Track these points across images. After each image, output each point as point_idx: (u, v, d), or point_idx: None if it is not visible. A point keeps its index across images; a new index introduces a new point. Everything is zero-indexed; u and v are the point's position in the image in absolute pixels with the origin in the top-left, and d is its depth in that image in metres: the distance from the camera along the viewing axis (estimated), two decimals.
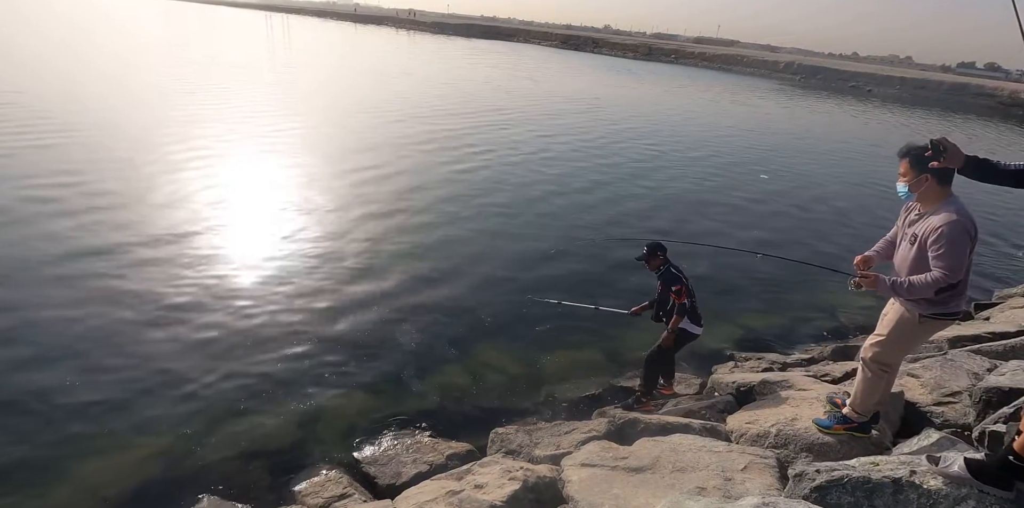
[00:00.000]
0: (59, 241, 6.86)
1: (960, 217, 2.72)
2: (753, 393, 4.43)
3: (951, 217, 2.73)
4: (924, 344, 4.61)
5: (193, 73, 22.38)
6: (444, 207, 9.40)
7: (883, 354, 3.08)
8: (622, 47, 70.27)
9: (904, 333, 3.00)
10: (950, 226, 2.70)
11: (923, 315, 2.90)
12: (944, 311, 2.89)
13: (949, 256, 2.70)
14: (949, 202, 2.80)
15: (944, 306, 2.87)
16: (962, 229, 2.70)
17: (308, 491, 3.67)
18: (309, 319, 5.78)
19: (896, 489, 2.28)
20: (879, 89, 51.05)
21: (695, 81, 43.15)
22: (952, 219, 2.72)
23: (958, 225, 2.70)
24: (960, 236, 2.70)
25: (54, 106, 13.73)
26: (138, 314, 5.52)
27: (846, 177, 14.82)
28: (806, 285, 7.81)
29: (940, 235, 2.72)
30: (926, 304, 2.88)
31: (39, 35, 31.56)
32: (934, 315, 2.89)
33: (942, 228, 2.72)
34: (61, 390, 4.43)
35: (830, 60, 65.38)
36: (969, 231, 2.73)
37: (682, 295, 4.40)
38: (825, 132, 23.41)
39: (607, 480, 2.87)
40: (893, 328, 3.03)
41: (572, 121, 18.88)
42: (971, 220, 2.75)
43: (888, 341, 3.06)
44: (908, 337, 3.03)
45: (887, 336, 3.06)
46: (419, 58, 40.22)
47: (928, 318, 2.91)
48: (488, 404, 4.84)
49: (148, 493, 3.68)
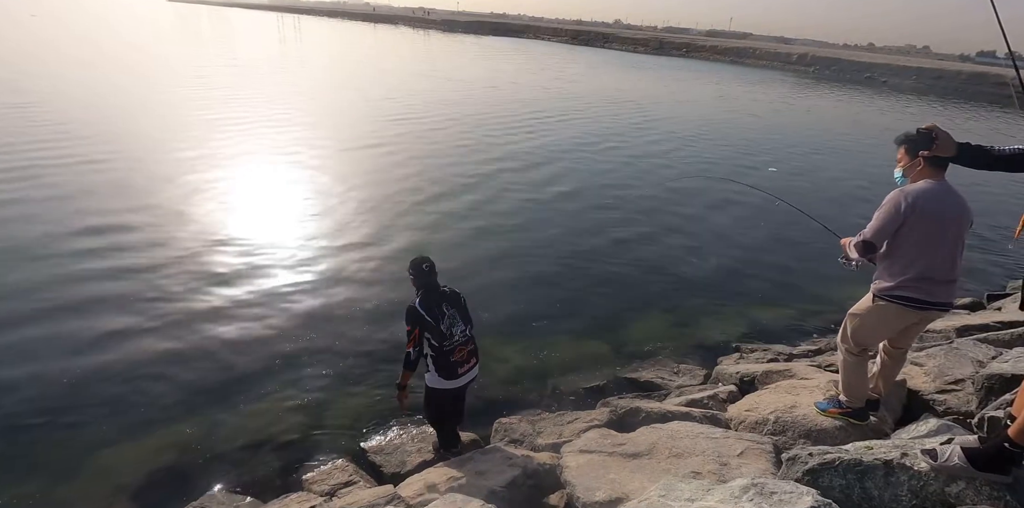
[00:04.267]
0: (79, 237, 7.05)
1: (905, 191, 2.86)
2: (756, 383, 4.45)
3: (898, 191, 2.89)
4: (921, 333, 4.57)
5: (265, 82, 22.36)
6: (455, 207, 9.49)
7: (848, 332, 3.18)
8: (632, 42, 69.83)
9: (866, 313, 3.09)
10: (889, 196, 2.90)
11: (876, 295, 3.02)
12: (899, 294, 2.92)
13: (874, 219, 2.92)
14: (926, 183, 2.85)
15: (900, 289, 2.92)
16: (894, 199, 2.86)
17: (315, 479, 3.75)
18: (317, 312, 5.89)
19: (887, 471, 2.29)
20: (894, 80, 50.22)
21: (701, 74, 42.72)
22: (895, 191, 2.90)
23: (894, 196, 2.87)
24: (889, 204, 2.87)
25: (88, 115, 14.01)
26: (153, 310, 5.67)
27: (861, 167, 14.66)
28: (815, 277, 7.77)
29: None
30: (878, 282, 3.03)
31: (63, 39, 32.12)
32: (888, 297, 2.96)
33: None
34: (80, 384, 4.57)
35: (845, 51, 64.35)
36: (900, 204, 2.82)
37: (411, 340, 3.33)
38: (835, 124, 23.11)
39: (604, 465, 2.92)
40: (857, 306, 3.17)
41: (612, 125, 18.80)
42: (920, 198, 2.80)
43: (851, 319, 3.18)
44: (870, 319, 3.09)
45: (850, 314, 3.19)
46: (452, 60, 39.14)
47: (881, 300, 2.98)
48: (493, 395, 4.89)
49: (162, 480, 3.79)
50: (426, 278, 3.42)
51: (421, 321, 3.31)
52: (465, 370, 3.52)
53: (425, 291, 3.42)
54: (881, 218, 2.90)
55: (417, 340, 3.34)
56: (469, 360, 3.54)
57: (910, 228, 2.84)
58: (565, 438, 3.75)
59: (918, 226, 2.82)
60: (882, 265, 3.03)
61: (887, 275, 2.98)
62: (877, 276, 3.06)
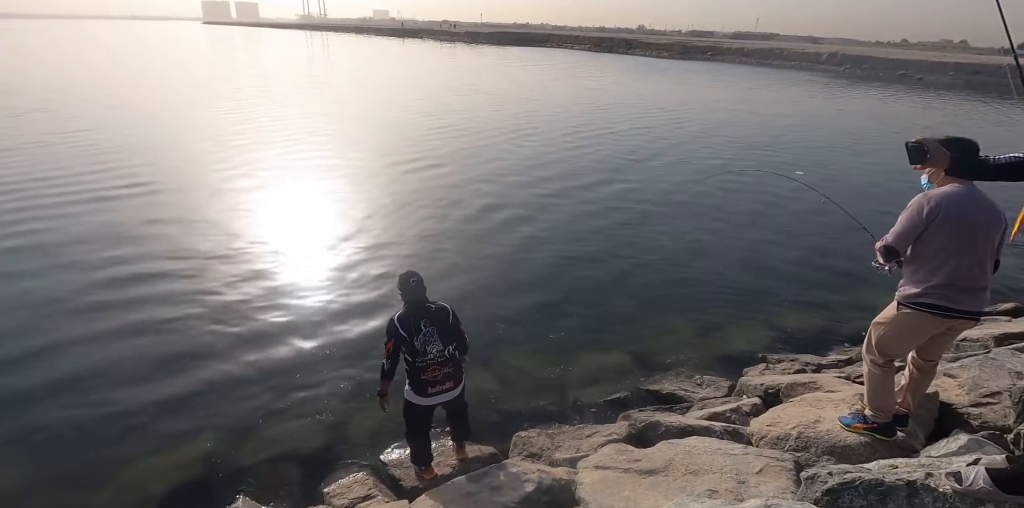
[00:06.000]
0: (111, 249, 7.34)
1: (928, 195, 2.78)
2: (781, 395, 4.34)
3: (922, 195, 2.82)
4: (956, 342, 4.42)
5: (303, 99, 22.96)
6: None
7: (873, 342, 3.08)
8: (656, 47, 69.42)
9: (890, 322, 2.99)
10: (912, 200, 2.84)
11: (900, 302, 2.93)
12: (923, 302, 2.83)
13: (897, 223, 2.87)
14: (952, 187, 2.76)
15: (924, 296, 2.82)
16: (917, 204, 2.80)
17: (335, 492, 3.79)
18: (336, 324, 5.98)
19: (911, 492, 2.21)
20: (930, 77, 48.68)
21: (732, 79, 42.14)
22: (919, 195, 2.84)
23: (917, 200, 2.82)
24: (911, 208, 2.82)
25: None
26: (178, 329, 5.82)
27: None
28: (847, 282, 7.56)
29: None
30: (903, 289, 2.95)
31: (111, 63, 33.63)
32: (912, 304, 2.85)
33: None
34: (107, 399, 4.74)
35: (876, 49, 62.72)
36: (923, 208, 2.74)
37: (386, 352, 3.43)
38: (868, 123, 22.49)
39: (618, 482, 2.88)
40: (881, 315, 3.07)
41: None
42: (944, 202, 2.72)
43: (875, 328, 3.08)
44: (895, 328, 2.98)
45: (875, 323, 3.10)
46: (481, 72, 38.92)
47: (906, 307, 2.88)
48: (512, 408, 4.88)
49: (187, 492, 3.89)
50: (412, 293, 3.43)
51: (396, 334, 3.38)
52: (437, 390, 3.46)
53: (408, 305, 3.44)
54: (903, 223, 2.83)
55: (391, 352, 3.41)
56: (444, 382, 3.46)
57: (933, 233, 2.75)
58: (583, 452, 3.71)
59: (942, 231, 2.73)
60: (907, 271, 2.94)
61: (912, 282, 2.89)
62: (902, 282, 2.97)
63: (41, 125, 15.32)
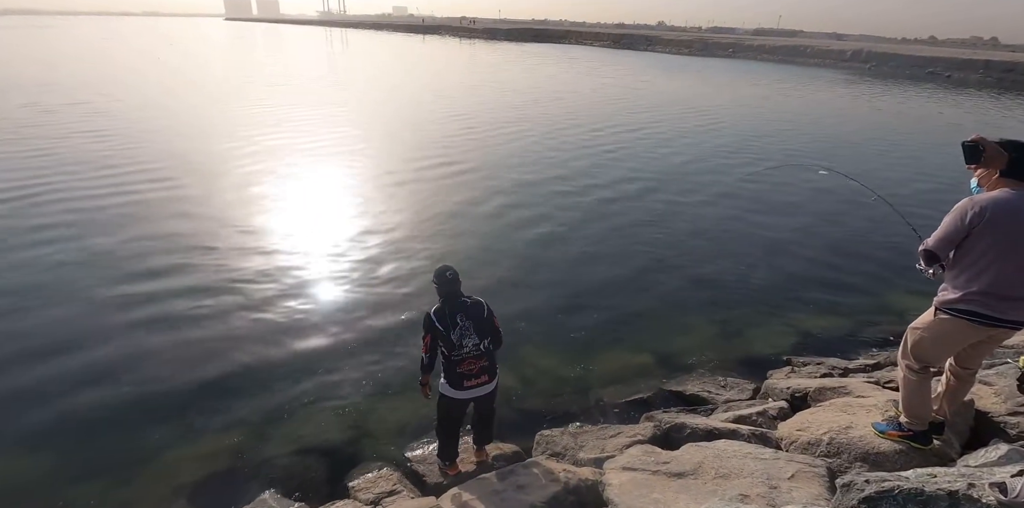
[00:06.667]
0: (146, 244, 7.48)
1: (973, 200, 2.71)
2: (808, 399, 4.28)
3: (967, 199, 2.75)
4: (995, 349, 4.28)
5: (330, 97, 23.29)
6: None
7: (909, 347, 3.02)
8: (676, 43, 68.62)
9: (927, 327, 2.93)
10: (957, 204, 2.77)
11: (938, 308, 2.88)
12: (962, 308, 2.77)
13: (939, 227, 2.81)
14: (1002, 192, 2.69)
15: (964, 303, 2.76)
16: (961, 208, 2.73)
17: (360, 486, 3.83)
18: (363, 322, 6.02)
19: (952, 503, 2.16)
20: (959, 74, 47.55)
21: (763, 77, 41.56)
22: (964, 199, 2.77)
23: (961, 204, 2.74)
24: (955, 213, 2.74)
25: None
26: (205, 324, 5.91)
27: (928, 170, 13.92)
28: (876, 284, 7.43)
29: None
30: (942, 294, 2.89)
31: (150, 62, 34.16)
32: (951, 311, 2.80)
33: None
34: (140, 392, 4.84)
35: (904, 46, 61.35)
36: (966, 213, 2.68)
37: (424, 346, 3.50)
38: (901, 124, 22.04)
39: (647, 484, 2.86)
40: (918, 320, 3.01)
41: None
42: (989, 207, 2.65)
43: (912, 333, 3.02)
44: (932, 334, 2.92)
45: (911, 328, 3.04)
46: (503, 70, 37.98)
47: (944, 313, 2.82)
48: (535, 407, 4.88)
49: (216, 484, 3.96)
50: (448, 287, 3.45)
51: (432, 329, 3.41)
52: (473, 384, 3.49)
53: (444, 300, 3.47)
54: (945, 227, 2.78)
55: (429, 346, 3.47)
56: (480, 375, 3.49)
57: (976, 239, 2.69)
58: (608, 453, 3.69)
59: (986, 237, 2.66)
60: (948, 276, 2.87)
61: (951, 287, 2.83)
62: (942, 287, 2.91)
63: (82, 121, 15.64)
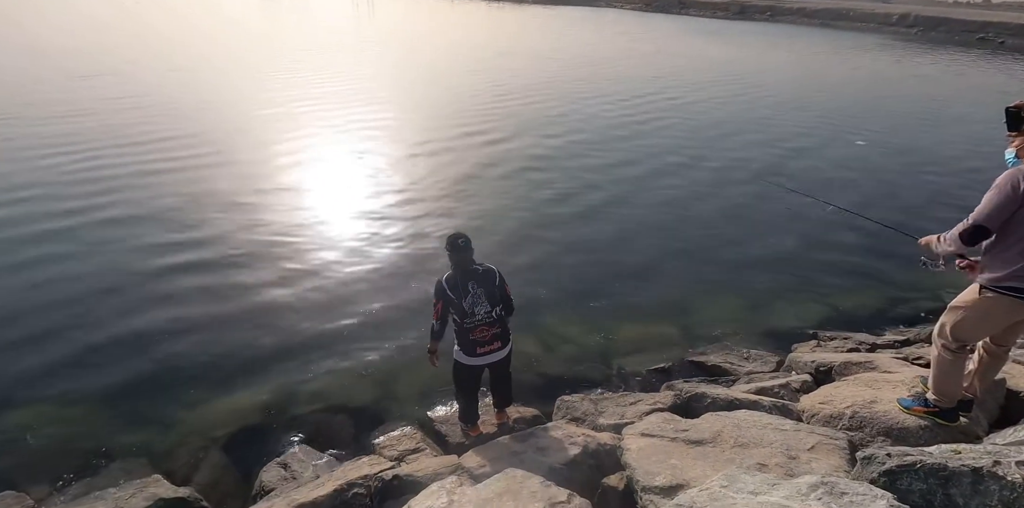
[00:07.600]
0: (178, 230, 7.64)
1: (1022, 170, 2.58)
2: (833, 374, 4.25)
3: (1015, 169, 2.62)
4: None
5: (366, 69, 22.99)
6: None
7: (947, 327, 2.93)
8: (711, 6, 65.54)
9: (971, 306, 2.84)
10: (1003, 175, 2.65)
11: (983, 285, 2.77)
12: (1010, 285, 2.67)
13: (984, 201, 2.68)
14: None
15: (1011, 280, 2.67)
16: (1011, 178, 2.61)
17: (385, 444, 3.97)
18: (389, 288, 6.12)
19: (976, 479, 2.14)
20: (1013, 40, 44.71)
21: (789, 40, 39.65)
22: (1011, 169, 2.64)
23: (1010, 174, 2.63)
24: (1005, 184, 2.62)
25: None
26: (238, 291, 6.06)
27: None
28: (905, 260, 7.22)
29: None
30: (986, 272, 2.78)
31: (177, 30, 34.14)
32: (998, 288, 2.69)
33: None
34: (177, 351, 5.05)
35: (954, 9, 57.76)
36: (1019, 183, 2.55)
37: (435, 312, 3.52)
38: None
39: (665, 451, 2.90)
40: (960, 298, 2.91)
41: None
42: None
43: (951, 312, 2.93)
44: (975, 312, 2.83)
45: (951, 307, 2.94)
46: (537, 35, 35.85)
47: (990, 291, 2.72)
48: (555, 372, 4.95)
49: (248, 437, 4.16)
50: (459, 254, 3.42)
51: (444, 296, 3.43)
52: (485, 351, 3.52)
53: (455, 267, 3.47)
54: (994, 200, 2.64)
55: (440, 313, 3.50)
56: (492, 342, 3.52)
57: None
58: (627, 419, 3.74)
59: None
60: (991, 253, 2.77)
61: (998, 263, 2.72)
62: (984, 265, 2.80)
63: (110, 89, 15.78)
